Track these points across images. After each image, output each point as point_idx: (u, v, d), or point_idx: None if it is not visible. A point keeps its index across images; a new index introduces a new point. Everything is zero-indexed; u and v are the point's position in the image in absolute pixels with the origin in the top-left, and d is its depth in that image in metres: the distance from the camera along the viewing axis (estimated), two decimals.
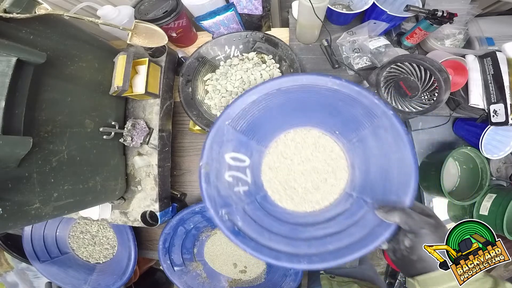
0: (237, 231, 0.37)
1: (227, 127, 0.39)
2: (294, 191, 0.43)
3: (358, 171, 0.41)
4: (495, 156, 0.58)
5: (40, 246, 0.71)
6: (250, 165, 0.42)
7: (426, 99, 0.48)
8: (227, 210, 0.38)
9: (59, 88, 0.40)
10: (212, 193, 0.38)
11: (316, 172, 0.43)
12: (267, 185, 0.43)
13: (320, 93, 0.38)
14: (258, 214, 0.40)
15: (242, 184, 0.41)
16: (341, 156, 0.43)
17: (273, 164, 0.44)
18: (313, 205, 0.42)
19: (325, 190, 0.42)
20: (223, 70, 0.60)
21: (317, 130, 0.44)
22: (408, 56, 0.49)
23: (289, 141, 0.44)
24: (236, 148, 0.40)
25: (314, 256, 0.35)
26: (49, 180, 0.38)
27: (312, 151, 0.44)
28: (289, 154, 0.44)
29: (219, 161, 0.39)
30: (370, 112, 0.37)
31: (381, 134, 0.37)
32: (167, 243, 0.61)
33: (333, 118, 0.41)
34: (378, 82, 0.52)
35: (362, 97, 0.36)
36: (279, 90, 0.38)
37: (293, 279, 0.59)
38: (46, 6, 0.37)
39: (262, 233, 0.38)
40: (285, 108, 0.41)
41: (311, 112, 0.42)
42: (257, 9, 0.60)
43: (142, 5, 0.58)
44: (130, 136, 0.51)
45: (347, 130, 0.41)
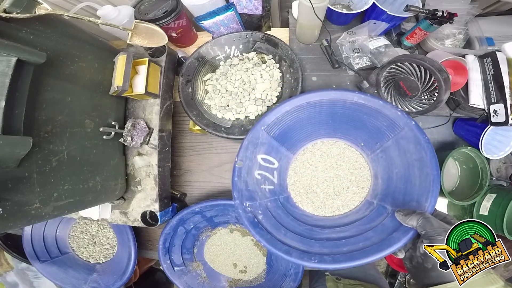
0: (256, 222, 0.41)
1: (262, 131, 0.44)
2: (315, 195, 0.45)
3: (380, 180, 0.43)
4: (495, 156, 0.58)
5: (40, 246, 0.71)
6: (278, 168, 0.46)
7: (426, 99, 0.48)
8: (251, 203, 0.42)
9: (59, 88, 0.40)
10: (241, 186, 0.42)
11: (338, 179, 0.45)
12: (291, 187, 0.47)
13: (347, 107, 0.42)
14: (278, 211, 0.43)
15: (269, 183, 0.45)
16: (365, 166, 0.46)
17: (299, 169, 0.47)
18: (333, 210, 0.45)
19: (346, 197, 0.45)
20: (223, 70, 0.60)
21: (343, 141, 0.47)
22: (408, 56, 0.49)
23: (316, 150, 0.47)
24: (267, 151, 0.45)
25: (326, 255, 0.37)
26: (49, 180, 0.38)
27: (337, 160, 0.46)
28: (314, 162, 0.47)
29: (252, 160, 0.44)
30: (393, 124, 0.40)
31: (403, 144, 0.40)
32: (167, 243, 0.61)
33: (358, 130, 0.44)
34: (378, 82, 0.52)
35: (386, 110, 0.40)
36: (309, 103, 0.42)
37: (293, 279, 0.59)
38: (46, 6, 0.37)
39: (279, 229, 0.41)
40: (314, 119, 0.45)
41: (338, 124, 0.45)
42: (257, 9, 0.60)
43: (142, 5, 0.58)
44: (130, 136, 0.51)
45: (371, 141, 0.44)
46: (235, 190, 0.42)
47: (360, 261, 0.35)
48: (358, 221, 0.41)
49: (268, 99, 0.56)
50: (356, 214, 0.43)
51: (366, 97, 0.40)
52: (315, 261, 0.36)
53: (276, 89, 0.57)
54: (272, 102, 0.57)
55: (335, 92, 0.41)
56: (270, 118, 0.44)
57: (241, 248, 0.64)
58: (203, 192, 0.67)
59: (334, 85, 0.60)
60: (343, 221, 0.43)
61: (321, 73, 0.61)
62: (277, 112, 0.43)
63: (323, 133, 0.47)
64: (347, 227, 0.41)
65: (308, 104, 0.42)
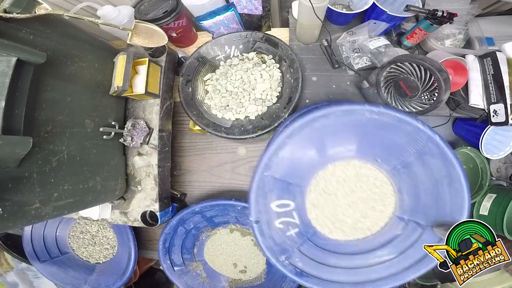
0: (300, 272, 0.39)
1: (267, 178, 0.39)
2: (343, 223, 0.42)
3: (406, 195, 0.41)
4: (495, 156, 0.58)
5: (40, 246, 0.71)
6: (295, 207, 0.42)
7: (426, 99, 0.48)
8: (285, 256, 0.39)
9: (59, 88, 0.40)
10: (269, 243, 0.39)
11: (363, 202, 0.42)
12: (314, 222, 0.43)
13: (357, 125, 0.37)
14: (313, 251, 0.41)
15: (292, 227, 0.41)
16: (386, 182, 0.42)
17: (317, 201, 0.43)
18: (365, 231, 0.42)
19: (374, 216, 0.42)
20: (223, 70, 0.60)
21: (356, 160, 0.42)
22: (408, 56, 0.49)
23: (328, 176, 0.42)
24: (279, 196, 0.40)
25: (378, 281, 0.37)
26: (49, 180, 0.38)
27: (356, 182, 0.42)
28: (332, 190, 0.42)
29: (267, 212, 0.40)
30: (414, 139, 0.36)
31: (429, 161, 0.37)
32: (167, 243, 0.61)
33: (372, 147, 0.40)
34: (378, 82, 0.52)
35: (405, 124, 0.35)
36: (312, 128, 0.37)
37: (293, 279, 0.59)
38: (46, 6, 0.37)
39: (322, 269, 0.39)
40: (320, 143, 0.40)
41: (348, 143, 0.40)
42: (257, 9, 0.60)
43: (142, 5, 0.58)
44: (130, 136, 0.51)
45: (390, 157, 0.40)
46: (266, 251, 0.39)
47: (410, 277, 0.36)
48: (394, 240, 0.40)
49: (268, 99, 0.57)
50: (389, 232, 0.41)
51: (379, 110, 0.35)
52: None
53: (276, 89, 0.57)
54: (272, 102, 0.57)
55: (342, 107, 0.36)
56: (271, 158, 0.38)
57: (241, 248, 0.64)
58: (203, 192, 0.67)
59: (334, 85, 0.60)
60: (380, 241, 0.41)
61: (321, 73, 0.61)
62: (277, 148, 0.38)
63: (333, 156, 0.42)
64: (387, 248, 0.40)
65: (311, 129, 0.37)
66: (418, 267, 0.36)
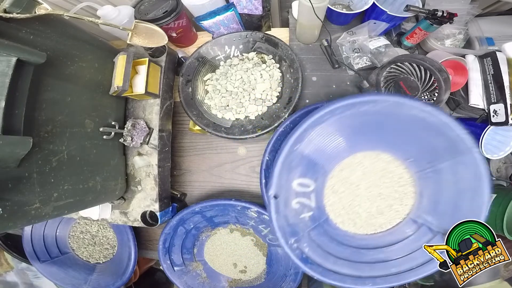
0: (306, 258, 0.38)
1: (296, 152, 0.37)
2: (357, 215, 0.41)
3: (426, 200, 0.40)
4: (495, 156, 0.58)
5: (40, 246, 0.71)
6: (314, 189, 0.41)
7: (426, 99, 0.48)
8: (295, 239, 0.38)
9: (59, 88, 0.40)
10: (282, 223, 0.38)
11: (382, 198, 0.41)
12: (329, 208, 0.42)
13: (402, 119, 0.36)
14: (322, 239, 0.40)
15: (307, 210, 0.40)
16: (410, 183, 0.41)
17: (338, 188, 0.42)
18: (376, 228, 0.41)
19: (389, 215, 0.41)
20: (223, 70, 0.60)
21: (387, 155, 0.41)
22: (408, 56, 0.49)
23: (355, 165, 0.41)
24: (303, 173, 0.39)
25: (378, 278, 0.37)
26: (49, 180, 0.38)
27: (381, 177, 0.41)
28: (355, 179, 0.41)
29: (287, 189, 0.38)
30: (454, 147, 0.35)
31: (461, 171, 0.36)
32: (167, 243, 0.61)
33: (408, 145, 0.39)
34: (378, 82, 0.52)
35: (448, 129, 0.34)
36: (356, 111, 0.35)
37: (293, 279, 0.59)
38: (46, 6, 0.37)
39: (327, 258, 0.39)
40: (357, 130, 0.38)
41: (385, 136, 0.39)
42: (257, 9, 0.60)
43: (142, 5, 0.58)
44: (130, 136, 0.51)
45: (423, 159, 0.39)
46: (278, 230, 0.37)
47: (410, 279, 0.36)
48: (402, 241, 0.40)
49: (268, 99, 0.57)
50: (400, 232, 0.40)
51: (431, 109, 0.34)
52: (369, 284, 0.36)
53: (276, 89, 0.57)
54: (272, 102, 0.57)
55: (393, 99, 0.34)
56: (306, 131, 0.36)
57: (241, 248, 0.64)
58: (203, 192, 0.67)
59: (334, 85, 0.60)
60: (387, 240, 0.40)
61: (321, 73, 0.61)
62: (315, 122, 0.35)
63: (366, 145, 0.40)
64: (393, 247, 0.39)
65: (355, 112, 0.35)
66: (422, 270, 0.36)
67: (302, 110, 0.52)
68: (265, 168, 0.52)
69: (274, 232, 0.37)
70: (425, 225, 0.39)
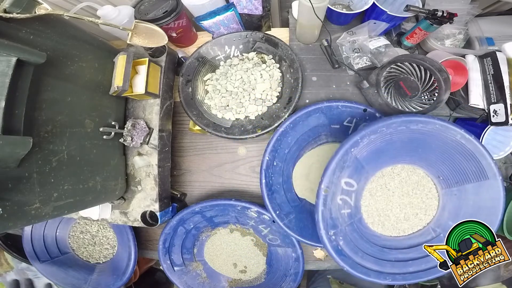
0: (340, 250, 0.42)
1: (351, 154, 0.41)
2: (387, 218, 0.46)
3: (447, 213, 0.45)
4: (495, 156, 0.58)
5: (40, 246, 0.71)
6: (356, 190, 0.45)
7: (426, 99, 0.48)
8: (334, 231, 0.42)
9: (59, 88, 0.40)
10: (326, 215, 0.41)
11: (411, 206, 0.46)
12: (364, 209, 0.46)
13: (443, 141, 0.41)
14: (354, 235, 0.44)
15: (347, 207, 0.44)
16: (435, 197, 0.46)
17: (375, 192, 0.46)
18: (399, 231, 0.46)
19: (413, 222, 0.46)
20: (223, 70, 0.60)
21: (422, 170, 0.46)
22: (408, 56, 0.49)
23: (395, 174, 0.47)
24: (351, 174, 0.43)
25: (397, 275, 0.42)
26: (49, 180, 0.38)
27: (413, 188, 0.46)
28: (392, 187, 0.46)
29: (336, 185, 0.42)
30: (482, 172, 0.41)
31: (483, 193, 0.42)
32: (167, 243, 0.61)
33: (443, 165, 0.44)
34: (378, 82, 0.52)
35: (481, 157, 0.41)
36: (407, 128, 0.40)
37: (293, 279, 0.59)
38: (46, 6, 0.37)
39: (357, 252, 0.43)
40: (404, 144, 0.43)
41: (425, 154, 0.44)
42: (257, 9, 0.60)
43: (142, 5, 0.58)
44: (130, 136, 0.51)
45: (451, 179, 0.44)
46: (321, 221, 0.41)
47: (424, 278, 0.42)
48: (421, 245, 0.44)
49: (268, 99, 0.57)
50: (419, 237, 0.45)
51: (470, 138, 0.40)
52: (389, 280, 0.42)
53: (276, 89, 0.57)
54: (272, 102, 0.57)
55: (441, 123, 0.40)
56: (363, 138, 0.41)
57: (241, 248, 0.64)
58: (203, 192, 0.67)
59: (334, 85, 0.60)
60: (408, 243, 0.45)
61: (321, 73, 0.61)
62: (372, 131, 0.40)
63: (406, 158, 0.46)
64: (412, 250, 0.44)
65: (406, 128, 0.41)
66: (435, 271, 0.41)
67: (302, 110, 0.52)
68: (265, 168, 0.53)
69: (317, 223, 0.41)
70: (442, 234, 0.43)
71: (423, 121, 0.40)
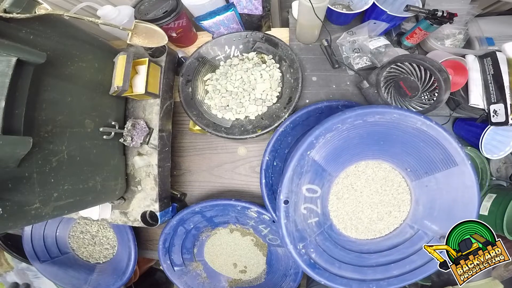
0: (313, 263, 0.39)
1: (308, 157, 0.38)
2: (359, 221, 0.44)
3: (422, 207, 0.43)
4: (495, 156, 0.58)
5: (40, 246, 0.71)
6: (321, 195, 0.42)
7: (426, 99, 0.48)
8: (303, 244, 0.39)
9: (59, 88, 0.40)
10: (291, 228, 0.38)
11: (383, 205, 0.44)
12: (333, 214, 0.44)
13: (405, 131, 0.39)
14: (327, 244, 0.41)
15: (314, 216, 0.41)
16: (406, 191, 0.44)
17: (342, 194, 0.44)
18: (375, 233, 0.44)
19: (388, 221, 0.44)
20: (223, 70, 0.60)
21: (388, 164, 0.44)
22: (408, 56, 0.49)
23: (360, 173, 0.44)
24: (311, 179, 0.40)
25: (381, 281, 0.39)
26: (49, 180, 0.38)
27: (382, 185, 0.44)
28: (359, 186, 0.44)
29: (297, 194, 0.39)
30: (449, 158, 0.38)
31: (454, 180, 0.39)
32: (167, 243, 0.61)
33: (408, 156, 0.42)
34: (378, 82, 0.52)
35: (446, 142, 0.38)
36: (365, 121, 0.38)
37: (293, 279, 0.59)
38: (46, 6, 0.37)
39: (333, 263, 0.40)
40: (364, 139, 0.40)
41: (387, 146, 0.42)
42: (257, 9, 0.60)
43: (142, 5, 0.58)
44: (130, 136, 0.51)
45: (420, 169, 0.42)
46: (286, 235, 0.38)
47: (411, 280, 0.39)
48: (401, 245, 0.42)
49: (268, 99, 0.57)
50: (398, 237, 0.43)
51: (431, 124, 0.37)
52: (374, 287, 0.39)
53: (276, 89, 0.57)
54: (272, 102, 0.57)
55: (399, 112, 0.37)
56: (318, 138, 0.37)
57: (241, 248, 0.64)
58: (203, 192, 0.67)
59: (334, 85, 0.60)
60: (386, 245, 0.43)
61: (321, 73, 0.61)
62: (326, 129, 0.37)
63: (369, 154, 0.43)
64: (392, 251, 0.42)
65: (364, 122, 0.38)
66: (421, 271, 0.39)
67: (302, 110, 0.52)
68: (265, 168, 0.53)
69: (282, 238, 0.38)
70: (421, 230, 0.41)
71: (379, 112, 0.37)
